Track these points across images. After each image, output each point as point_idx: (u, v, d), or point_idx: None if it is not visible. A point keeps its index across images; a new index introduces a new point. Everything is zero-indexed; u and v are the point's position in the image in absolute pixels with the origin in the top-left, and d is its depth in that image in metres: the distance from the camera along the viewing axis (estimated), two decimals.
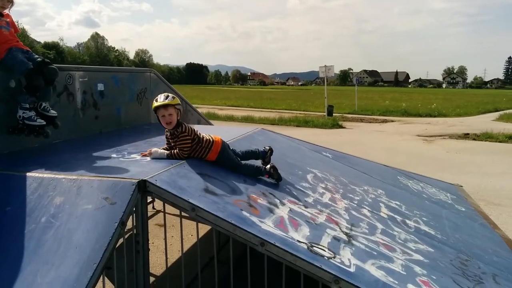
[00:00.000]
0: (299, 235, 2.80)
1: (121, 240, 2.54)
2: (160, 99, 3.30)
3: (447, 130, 18.81)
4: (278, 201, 3.26)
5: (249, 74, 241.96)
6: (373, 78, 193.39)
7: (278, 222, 2.87)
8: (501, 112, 29.46)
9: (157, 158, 3.36)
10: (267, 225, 2.75)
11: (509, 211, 6.61)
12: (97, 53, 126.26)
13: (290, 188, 3.66)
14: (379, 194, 4.67)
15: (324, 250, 2.72)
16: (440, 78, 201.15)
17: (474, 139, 15.85)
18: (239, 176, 3.45)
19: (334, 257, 2.68)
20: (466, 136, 16.62)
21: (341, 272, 2.52)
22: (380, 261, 2.90)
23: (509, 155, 12.41)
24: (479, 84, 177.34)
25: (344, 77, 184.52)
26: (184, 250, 4.93)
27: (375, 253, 3.02)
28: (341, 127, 19.58)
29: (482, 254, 3.99)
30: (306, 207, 3.37)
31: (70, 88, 4.38)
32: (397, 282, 2.68)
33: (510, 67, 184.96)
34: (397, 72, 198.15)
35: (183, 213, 2.78)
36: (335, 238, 2.99)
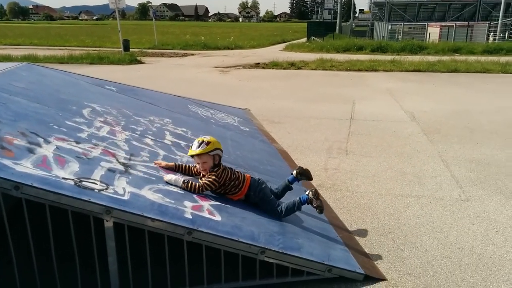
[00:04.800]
0: (66, 172, 2.57)
1: None
2: (193, 147, 3.09)
3: (242, 61, 20.15)
4: (42, 140, 2.91)
5: (31, 7, 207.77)
6: (174, 12, 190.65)
7: (40, 162, 2.57)
8: (287, 43, 33.26)
9: (171, 184, 3.04)
10: (24, 167, 2.43)
11: (286, 126, 7.59)
12: None
13: (60, 125, 3.31)
14: (165, 123, 4.69)
15: (96, 183, 2.58)
16: (237, 12, 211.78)
17: (263, 68, 17.44)
18: None
19: (107, 189, 2.58)
20: (257, 65, 18.14)
21: (113, 201, 2.45)
22: (158, 185, 2.94)
23: (289, 79, 14.12)
24: (270, 18, 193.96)
25: (144, 11, 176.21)
26: None
27: (154, 178, 3.04)
28: (140, 62, 18.84)
29: (258, 165, 4.48)
30: (78, 142, 3.12)
31: None
32: (173, 202, 2.77)
33: (294, 1, 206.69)
34: (196, 6, 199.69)
35: None
36: (109, 170, 2.87)
